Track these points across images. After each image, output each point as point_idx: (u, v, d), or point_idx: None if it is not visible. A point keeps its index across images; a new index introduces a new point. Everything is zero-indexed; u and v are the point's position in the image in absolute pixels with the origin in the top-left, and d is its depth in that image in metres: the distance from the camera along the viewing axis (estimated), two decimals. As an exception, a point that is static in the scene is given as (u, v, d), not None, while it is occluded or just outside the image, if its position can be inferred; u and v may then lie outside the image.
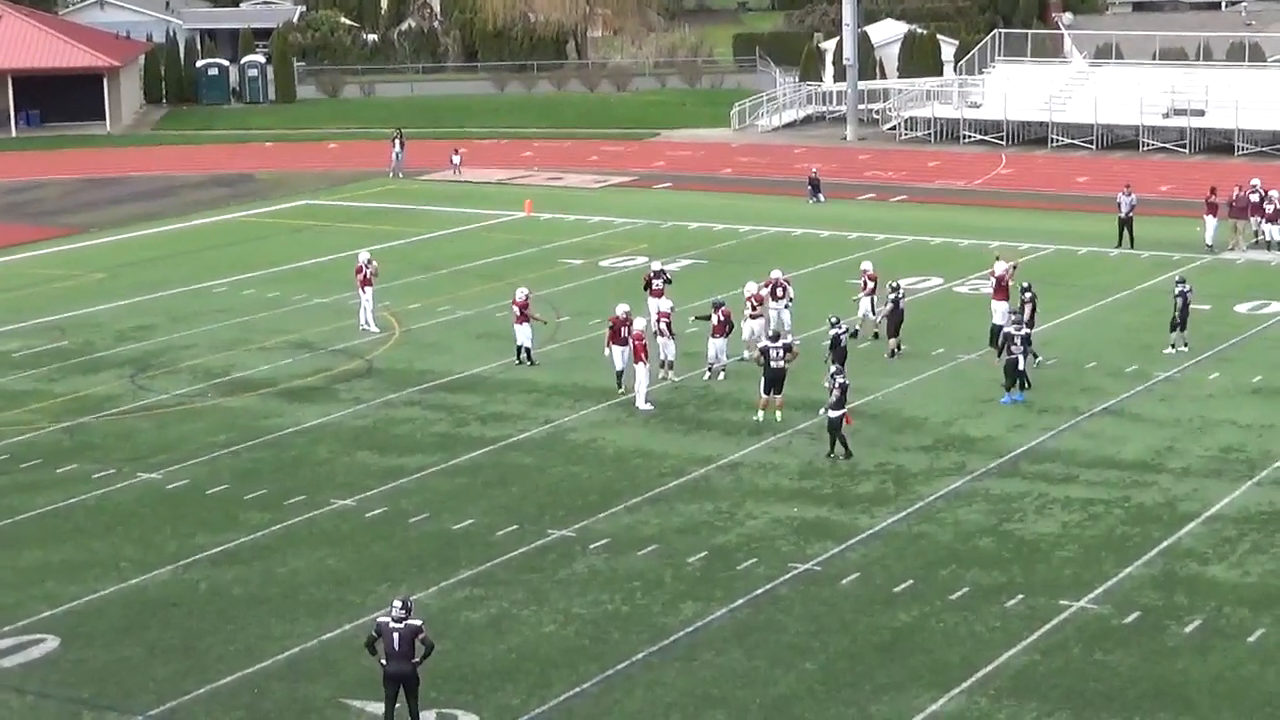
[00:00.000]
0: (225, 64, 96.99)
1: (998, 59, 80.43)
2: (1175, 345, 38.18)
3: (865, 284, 39.85)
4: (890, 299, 38.01)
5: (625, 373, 35.05)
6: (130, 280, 48.53)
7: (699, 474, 30.46)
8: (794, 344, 34.08)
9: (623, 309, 35.65)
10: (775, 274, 39.08)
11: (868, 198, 62.35)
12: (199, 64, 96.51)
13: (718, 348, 36.21)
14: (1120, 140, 73.98)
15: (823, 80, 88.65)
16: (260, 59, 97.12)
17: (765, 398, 33.32)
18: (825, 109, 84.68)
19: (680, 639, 23.54)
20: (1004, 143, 74.94)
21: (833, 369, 31.98)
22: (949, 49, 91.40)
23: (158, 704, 21.81)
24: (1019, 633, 23.53)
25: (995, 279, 38.74)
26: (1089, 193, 61.44)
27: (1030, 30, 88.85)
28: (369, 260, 41.74)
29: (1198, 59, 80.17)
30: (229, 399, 35.84)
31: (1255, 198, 50.68)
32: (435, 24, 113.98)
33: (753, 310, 37.76)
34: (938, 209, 59.60)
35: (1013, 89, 76.24)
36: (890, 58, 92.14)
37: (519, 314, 37.56)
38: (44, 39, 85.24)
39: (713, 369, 36.49)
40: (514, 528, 27.80)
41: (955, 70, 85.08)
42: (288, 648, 23.34)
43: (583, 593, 25.13)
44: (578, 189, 65.68)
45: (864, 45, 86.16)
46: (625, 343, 34.91)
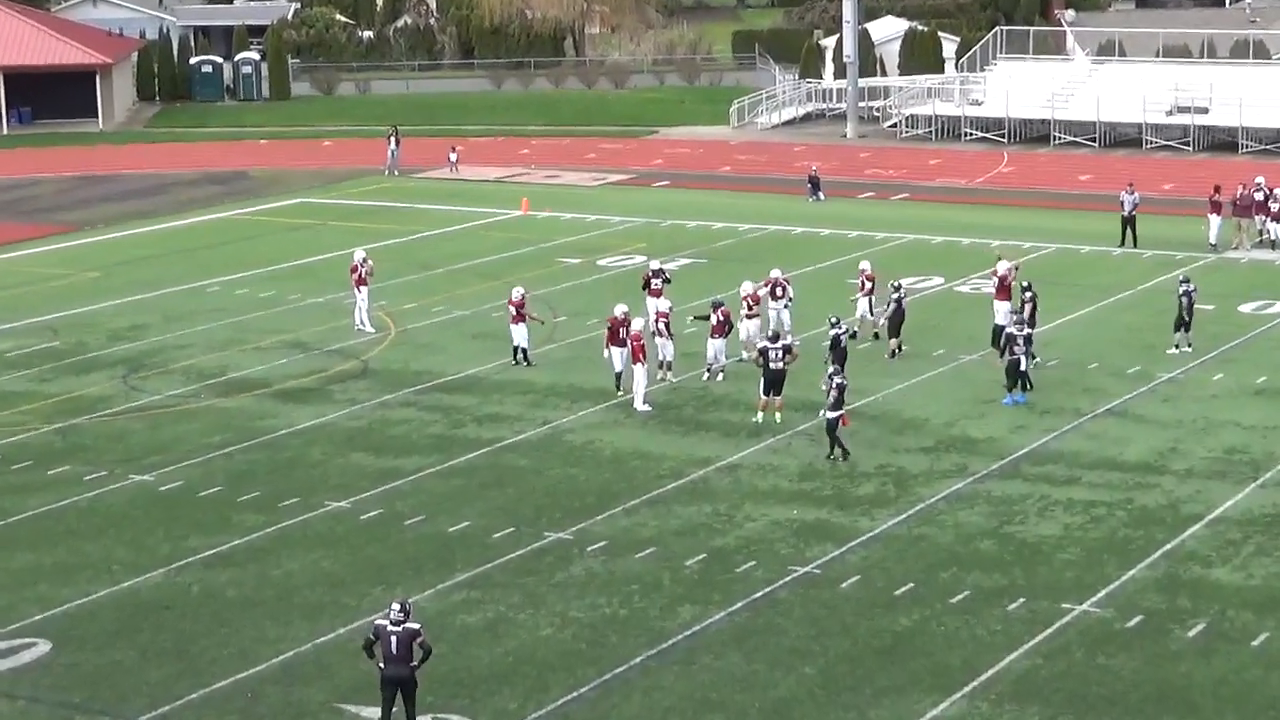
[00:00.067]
0: (219, 61, 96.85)
1: (999, 56, 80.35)
2: (1179, 345, 38.03)
3: (863, 284, 39.67)
4: (894, 298, 37.78)
5: (624, 375, 34.83)
6: (123, 279, 48.33)
7: (697, 476, 30.31)
8: (794, 345, 33.90)
9: (621, 309, 35.43)
10: (775, 273, 38.94)
11: (868, 196, 62.20)
12: (192, 61, 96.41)
13: (716, 348, 36.03)
14: (1123, 138, 73.91)
15: (823, 77, 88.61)
16: (254, 56, 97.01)
17: (765, 399, 33.17)
18: (825, 106, 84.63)
19: (678, 642, 23.42)
20: (1006, 141, 74.87)
21: (830, 369, 31.86)
22: (950, 46, 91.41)
23: (150, 708, 21.68)
24: (1020, 636, 23.39)
25: (997, 279, 38.56)
26: (1091, 191, 61.44)
27: (1032, 27, 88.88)
28: (364, 259, 41.52)
29: (1201, 56, 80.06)
30: (223, 400, 35.68)
31: (1260, 196, 50.61)
32: (431, 21, 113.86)
33: (748, 310, 37.54)
34: (939, 207, 59.45)
35: (1015, 86, 76.14)
36: (891, 55, 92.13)
37: (515, 314, 37.39)
38: (36, 35, 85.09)
39: (711, 370, 36.30)
40: (510, 530, 27.67)
41: (956, 67, 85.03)
42: (282, 651, 23.22)
43: (580, 596, 25.00)
44: (575, 187, 65.45)
45: (864, 42, 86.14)
46: (624, 344, 34.69)
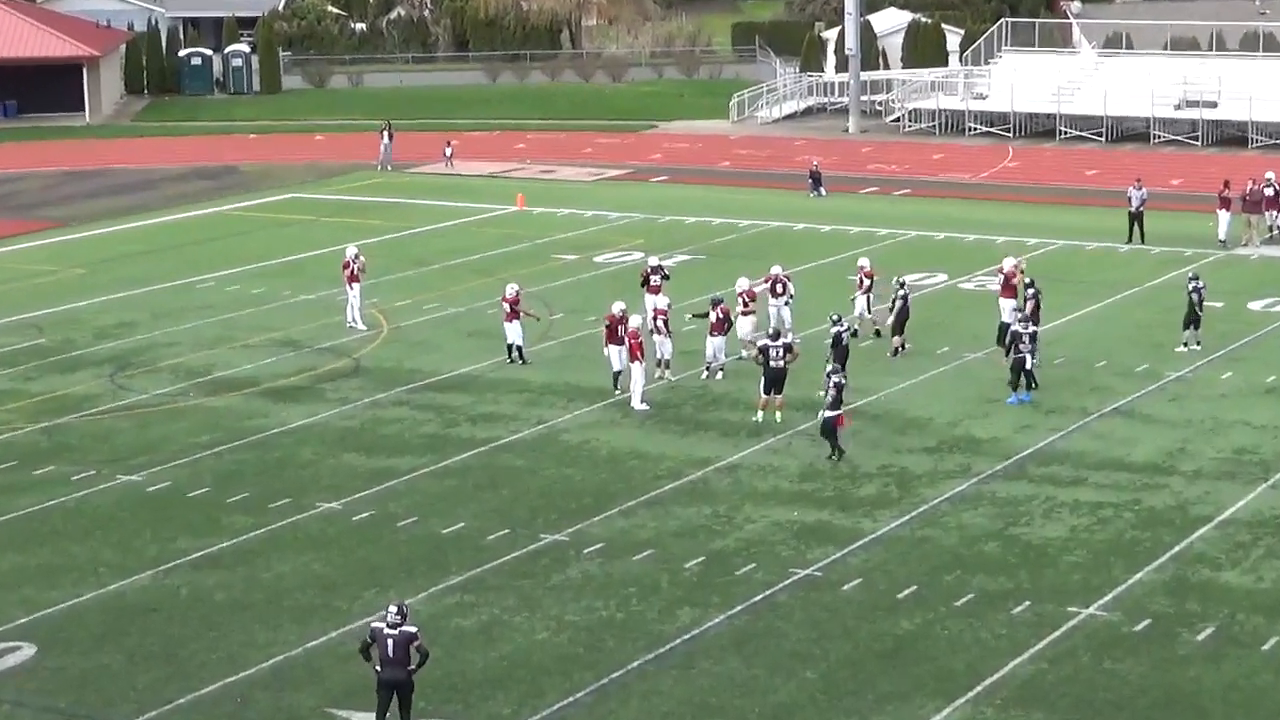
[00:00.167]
0: (208, 53, 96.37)
1: (1004, 49, 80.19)
2: (1187, 343, 37.89)
3: (861, 281, 39.45)
4: (899, 295, 37.42)
5: (622, 374, 34.58)
6: (110, 276, 48.10)
7: (696, 476, 30.17)
8: (794, 343, 33.70)
9: (619, 307, 35.19)
10: (775, 270, 38.79)
11: (870, 191, 62.11)
12: (181, 53, 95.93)
13: (716, 346, 35.82)
14: (1130, 132, 73.84)
15: (824, 70, 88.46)
16: (245, 48, 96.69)
17: (765, 398, 33.01)
18: (827, 100, 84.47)
19: (677, 646, 23.30)
20: (1011, 135, 74.73)
21: (829, 368, 31.66)
22: (954, 38, 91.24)
23: (138, 713, 21.61)
24: (1026, 640, 23.28)
25: (1003, 276, 38.33)
26: (1098, 186, 61.48)
27: (1038, 19, 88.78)
28: (356, 255, 41.28)
29: (1210, 49, 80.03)
30: (212, 399, 35.52)
31: (1269, 192, 50.61)
32: (425, 12, 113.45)
33: (744, 307, 37.24)
34: (942, 203, 59.29)
35: (1020, 80, 75.95)
36: (894, 47, 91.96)
37: (509, 311, 37.18)
38: (22, 27, 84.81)
39: (711, 368, 36.11)
40: (505, 532, 27.52)
41: (961, 60, 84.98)
42: (272, 655, 23.12)
43: (576, 599, 24.88)
44: (571, 182, 65.16)
45: (867, 34, 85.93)
46: (622, 342, 34.43)
